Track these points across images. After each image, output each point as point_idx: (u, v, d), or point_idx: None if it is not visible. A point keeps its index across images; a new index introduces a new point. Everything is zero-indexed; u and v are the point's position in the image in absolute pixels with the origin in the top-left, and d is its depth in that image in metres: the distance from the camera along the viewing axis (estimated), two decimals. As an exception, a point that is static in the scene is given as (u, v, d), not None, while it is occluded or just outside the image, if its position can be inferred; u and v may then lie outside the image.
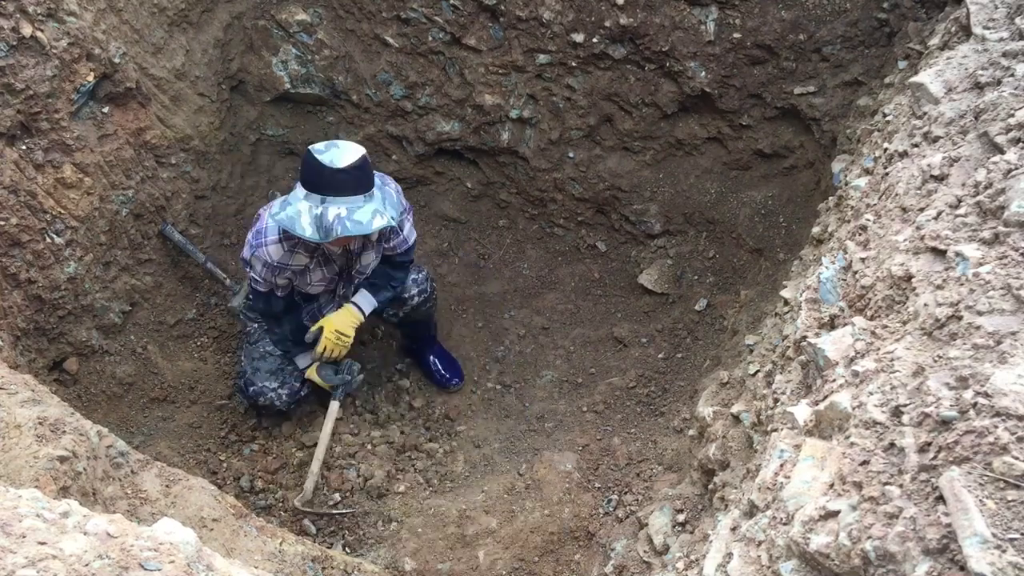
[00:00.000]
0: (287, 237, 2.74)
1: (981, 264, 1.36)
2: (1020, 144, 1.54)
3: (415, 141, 3.75)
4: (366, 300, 3.06)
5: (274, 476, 3.06)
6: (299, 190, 2.63)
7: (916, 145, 1.89)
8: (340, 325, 2.99)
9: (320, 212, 2.57)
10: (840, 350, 1.55)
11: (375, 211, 2.63)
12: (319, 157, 2.56)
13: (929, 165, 1.71)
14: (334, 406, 3.06)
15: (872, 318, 1.58)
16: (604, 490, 2.96)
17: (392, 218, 2.68)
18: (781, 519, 1.35)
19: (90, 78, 2.79)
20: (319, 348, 3.01)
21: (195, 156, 3.39)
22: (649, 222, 3.70)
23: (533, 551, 2.77)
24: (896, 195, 1.79)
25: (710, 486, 2.17)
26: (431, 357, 3.48)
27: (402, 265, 3.12)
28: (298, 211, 2.59)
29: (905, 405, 1.23)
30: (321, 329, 3.00)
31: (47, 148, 2.74)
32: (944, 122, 1.82)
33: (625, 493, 2.85)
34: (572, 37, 3.31)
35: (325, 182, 2.57)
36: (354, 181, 2.59)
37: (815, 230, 2.54)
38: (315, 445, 3.14)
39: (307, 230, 2.58)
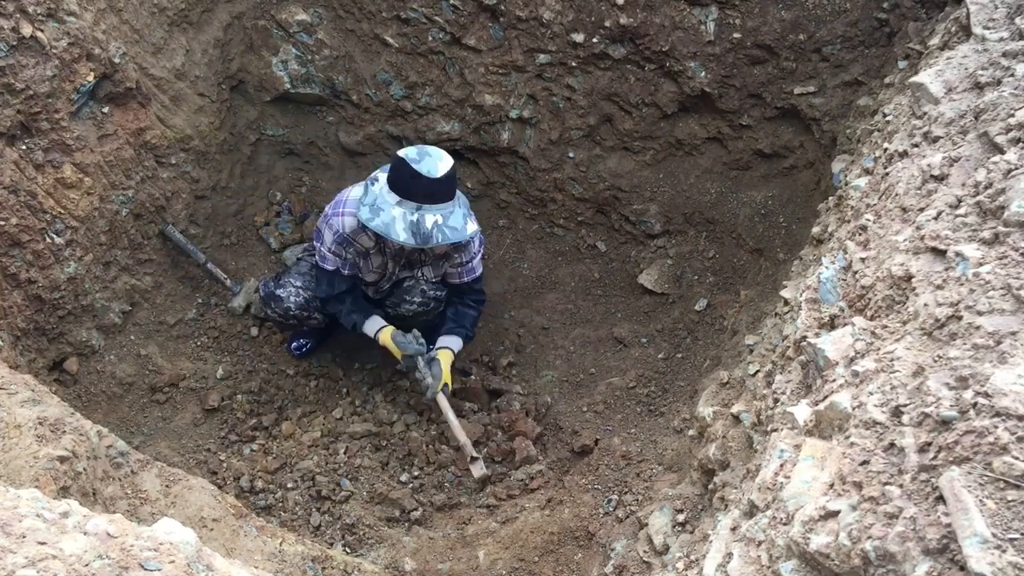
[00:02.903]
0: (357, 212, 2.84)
1: (981, 264, 1.36)
2: (1020, 144, 1.54)
3: (415, 141, 3.75)
4: (457, 346, 3.20)
5: (274, 476, 3.06)
6: (389, 195, 2.72)
7: (916, 145, 1.89)
8: (447, 367, 3.09)
9: (416, 219, 2.69)
10: (840, 350, 1.55)
11: (464, 215, 2.79)
12: (416, 167, 2.67)
13: (929, 165, 1.71)
14: (442, 399, 3.06)
15: (872, 318, 1.58)
16: (604, 490, 2.96)
17: (474, 221, 2.84)
18: (781, 519, 1.35)
19: (90, 78, 2.79)
20: (427, 388, 3.04)
21: (195, 156, 3.39)
22: (649, 222, 3.70)
23: (533, 551, 2.77)
24: (896, 195, 1.79)
25: (710, 486, 2.17)
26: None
27: (474, 303, 3.25)
28: (392, 217, 2.70)
29: (905, 405, 1.23)
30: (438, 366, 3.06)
31: (47, 148, 2.74)
32: (944, 122, 1.82)
33: (625, 493, 2.85)
34: (572, 37, 3.31)
35: (423, 191, 2.68)
36: (448, 189, 2.74)
37: (815, 230, 2.54)
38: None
39: (402, 235, 2.70)
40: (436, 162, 2.70)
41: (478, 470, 2.97)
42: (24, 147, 2.68)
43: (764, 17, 3.12)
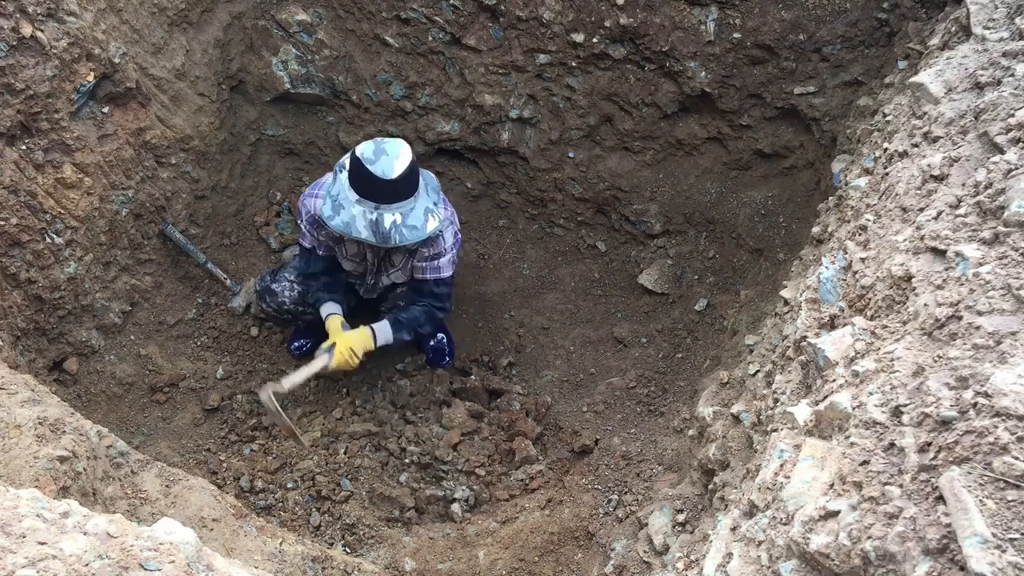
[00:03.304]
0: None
1: (981, 264, 1.36)
2: (1020, 144, 1.54)
3: (415, 141, 3.75)
4: (383, 333, 3.06)
5: (274, 476, 3.06)
6: (350, 192, 2.69)
7: (916, 145, 1.89)
8: (354, 344, 2.99)
9: (375, 218, 2.67)
10: (840, 350, 1.55)
11: (426, 210, 2.75)
12: (371, 168, 2.63)
13: (929, 165, 1.71)
14: (314, 364, 2.98)
15: (872, 318, 1.59)
16: (604, 490, 2.96)
17: (438, 216, 2.79)
18: (781, 519, 1.35)
19: (90, 78, 2.79)
20: (332, 363, 2.97)
21: (195, 156, 3.39)
22: (649, 222, 3.70)
23: (533, 551, 2.77)
24: (896, 195, 1.80)
25: (710, 486, 2.17)
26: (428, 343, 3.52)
27: (432, 310, 3.10)
28: (352, 216, 2.68)
29: (905, 405, 1.23)
30: (332, 346, 2.98)
31: (47, 148, 2.74)
32: (944, 122, 1.82)
33: (625, 493, 2.85)
34: (572, 37, 3.31)
35: (378, 191, 2.65)
36: (405, 188, 2.69)
37: (815, 230, 2.54)
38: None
39: (363, 233, 2.69)
40: (392, 161, 2.63)
41: (275, 388, 2.82)
42: (24, 147, 2.68)
43: (764, 17, 3.12)
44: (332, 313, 3.13)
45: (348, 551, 2.79)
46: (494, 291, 3.82)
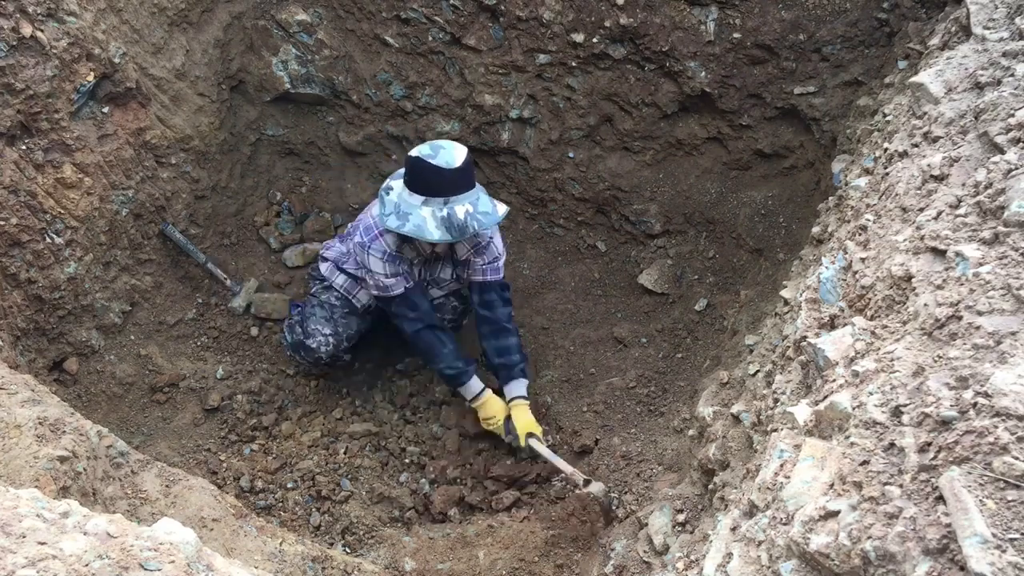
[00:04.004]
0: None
1: (981, 264, 1.36)
2: (1020, 144, 1.54)
3: (415, 141, 3.74)
4: (521, 387, 3.06)
5: (274, 476, 3.06)
6: (411, 197, 2.68)
7: (916, 145, 1.89)
8: (532, 424, 3.02)
9: (447, 213, 2.65)
10: (840, 350, 1.55)
11: (489, 199, 2.76)
12: (434, 162, 2.63)
13: (929, 165, 1.71)
14: (535, 444, 2.99)
15: (872, 318, 1.59)
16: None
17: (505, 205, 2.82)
18: (781, 519, 1.35)
19: (90, 78, 2.79)
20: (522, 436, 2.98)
21: (195, 156, 3.39)
22: (649, 222, 3.70)
23: (533, 551, 2.77)
24: (896, 195, 1.80)
25: (710, 486, 2.17)
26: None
27: (504, 300, 3.10)
28: (423, 218, 2.66)
29: (905, 405, 1.23)
30: (528, 434, 2.99)
31: (47, 148, 2.74)
32: (944, 122, 1.82)
33: (625, 493, 2.85)
34: (572, 37, 3.31)
35: (448, 184, 2.64)
36: (470, 177, 2.71)
37: (815, 230, 2.54)
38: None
39: (436, 234, 2.65)
40: (452, 151, 2.66)
41: (596, 488, 2.80)
42: (24, 147, 2.67)
43: (764, 17, 3.12)
44: (483, 389, 3.06)
45: (348, 551, 2.79)
46: (494, 291, 3.82)
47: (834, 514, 1.21)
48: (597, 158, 3.66)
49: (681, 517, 2.25)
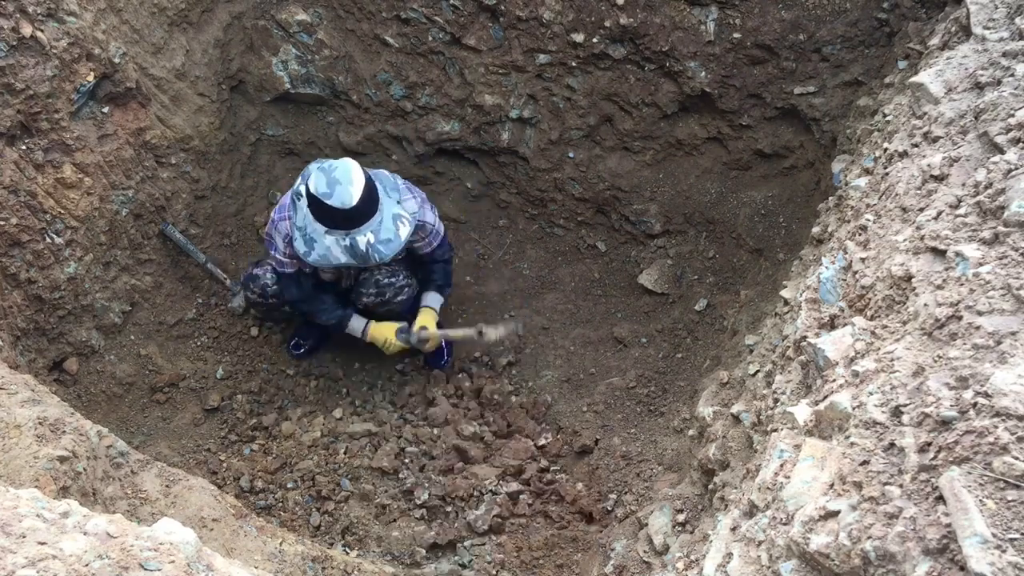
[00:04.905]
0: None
1: (981, 264, 1.36)
2: (1020, 144, 1.54)
3: (415, 141, 3.75)
4: (435, 299, 3.29)
5: (274, 476, 3.06)
6: (315, 224, 2.73)
7: (916, 145, 1.89)
8: (431, 324, 3.23)
9: (349, 243, 2.73)
10: (840, 350, 1.55)
11: (394, 217, 2.80)
12: (329, 203, 2.65)
13: (929, 165, 1.71)
14: (435, 335, 3.22)
15: (872, 318, 1.59)
16: (604, 490, 2.96)
17: (407, 217, 2.84)
18: (781, 519, 1.35)
19: (90, 78, 2.79)
20: (428, 347, 3.23)
21: (195, 156, 3.39)
22: (649, 222, 3.70)
23: (533, 551, 2.77)
24: (896, 195, 1.80)
25: (710, 486, 2.17)
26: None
27: (448, 260, 3.30)
28: (327, 247, 2.74)
29: (905, 405, 1.23)
30: (424, 328, 3.19)
31: (47, 148, 2.74)
32: (944, 122, 1.82)
33: (625, 493, 2.85)
34: (572, 37, 3.31)
35: (343, 220, 2.70)
36: (367, 208, 2.72)
37: (815, 230, 2.54)
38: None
39: (343, 258, 2.76)
40: (348, 188, 2.64)
41: (493, 333, 3.06)
42: (24, 147, 2.67)
43: (764, 17, 3.12)
44: (367, 322, 3.21)
45: (348, 551, 2.79)
46: (494, 291, 3.82)
47: (834, 514, 1.21)
48: (597, 158, 3.66)
49: (681, 517, 2.25)
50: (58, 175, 2.78)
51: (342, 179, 2.65)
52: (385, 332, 3.20)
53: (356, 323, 3.21)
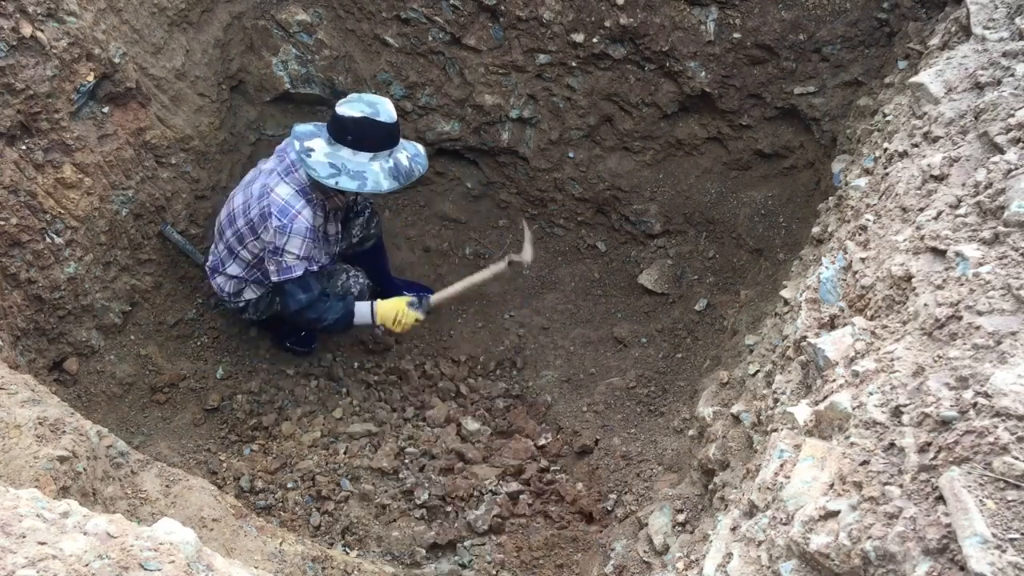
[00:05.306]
0: (306, 199, 2.89)
1: (981, 264, 1.36)
2: (1020, 144, 1.54)
3: (415, 141, 3.75)
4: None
5: (274, 476, 3.06)
6: (358, 156, 2.79)
7: (916, 145, 1.89)
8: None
9: (393, 164, 2.83)
10: (840, 350, 1.55)
11: (411, 142, 2.98)
12: (379, 119, 2.76)
13: (929, 165, 1.71)
14: (441, 295, 3.20)
15: (872, 318, 1.59)
16: (604, 490, 2.96)
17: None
18: (781, 519, 1.35)
19: (90, 78, 2.79)
20: (400, 328, 3.14)
21: (195, 156, 3.39)
22: (649, 222, 3.70)
23: (533, 551, 2.77)
24: (896, 195, 1.80)
25: (710, 486, 2.17)
26: (394, 282, 3.61)
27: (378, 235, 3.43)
28: (376, 173, 2.80)
29: (905, 405, 1.23)
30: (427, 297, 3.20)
31: (47, 148, 2.73)
32: (944, 122, 1.82)
33: (625, 493, 2.85)
34: (572, 37, 3.31)
35: (390, 138, 2.81)
36: (399, 128, 2.88)
37: (815, 230, 2.54)
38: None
39: (385, 185, 2.81)
40: (385, 105, 2.80)
41: (524, 255, 3.18)
42: (24, 147, 2.67)
43: (764, 17, 3.12)
44: (373, 302, 3.18)
45: (348, 551, 2.79)
46: (494, 291, 3.82)
47: (834, 514, 1.21)
48: (597, 158, 3.66)
49: (681, 517, 2.25)
50: (58, 175, 2.77)
51: (375, 100, 2.81)
52: (396, 306, 3.08)
53: (362, 307, 3.09)
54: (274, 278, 2.98)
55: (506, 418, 3.33)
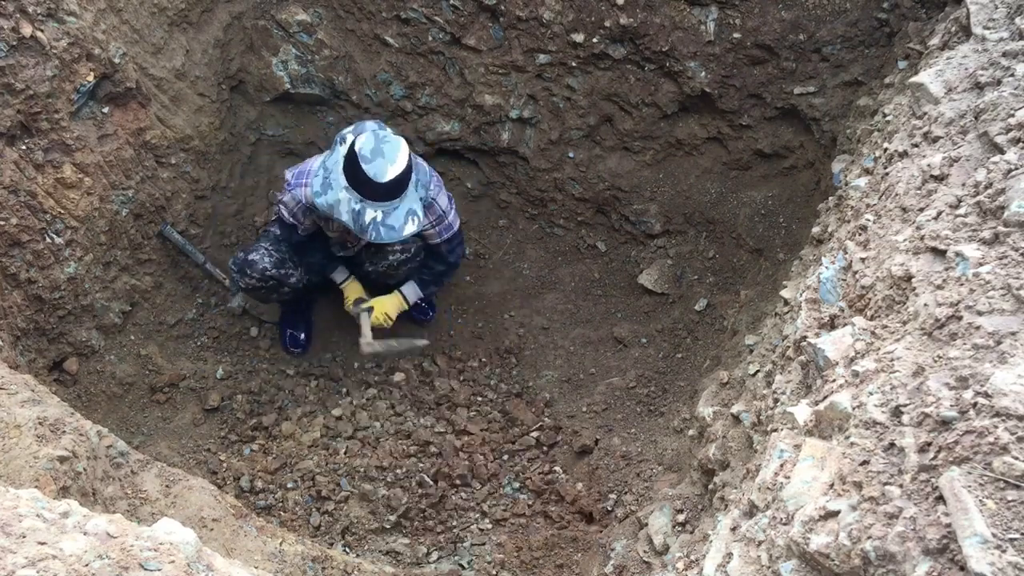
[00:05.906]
0: (322, 184, 2.85)
1: (981, 264, 1.36)
2: (1020, 144, 1.54)
3: (415, 141, 3.74)
4: (412, 291, 3.30)
5: (274, 476, 3.06)
6: (341, 176, 2.73)
7: (916, 145, 1.89)
8: (389, 309, 3.25)
9: (359, 209, 2.70)
10: (840, 350, 1.55)
11: (408, 212, 2.77)
12: (364, 167, 2.66)
13: (929, 165, 1.71)
14: (363, 318, 3.22)
15: (872, 318, 1.59)
16: (604, 490, 2.96)
17: (420, 219, 2.82)
18: (781, 519, 1.35)
19: (90, 78, 2.79)
20: (369, 324, 3.19)
21: (195, 156, 3.39)
22: (649, 222, 3.70)
23: (533, 551, 2.77)
24: (896, 195, 1.80)
25: (710, 486, 2.17)
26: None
27: (451, 264, 3.30)
28: (338, 199, 2.74)
29: (905, 405, 1.23)
30: (371, 308, 3.21)
31: (47, 148, 2.73)
32: (944, 122, 1.82)
33: (625, 493, 2.85)
34: (572, 37, 3.31)
35: (368, 192, 2.69)
36: (394, 190, 2.71)
37: (815, 230, 2.54)
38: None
39: (344, 217, 2.74)
40: (387, 166, 2.65)
41: (366, 347, 3.14)
42: (24, 147, 2.67)
43: (764, 17, 3.12)
44: (349, 277, 3.28)
45: (348, 551, 2.79)
46: (494, 291, 3.82)
47: (834, 514, 1.21)
48: (597, 158, 3.66)
49: (681, 517, 2.25)
50: (58, 175, 2.77)
51: (387, 154, 2.67)
52: (352, 293, 3.29)
53: (339, 275, 3.31)
54: (276, 206, 3.16)
55: (504, 409, 3.35)
